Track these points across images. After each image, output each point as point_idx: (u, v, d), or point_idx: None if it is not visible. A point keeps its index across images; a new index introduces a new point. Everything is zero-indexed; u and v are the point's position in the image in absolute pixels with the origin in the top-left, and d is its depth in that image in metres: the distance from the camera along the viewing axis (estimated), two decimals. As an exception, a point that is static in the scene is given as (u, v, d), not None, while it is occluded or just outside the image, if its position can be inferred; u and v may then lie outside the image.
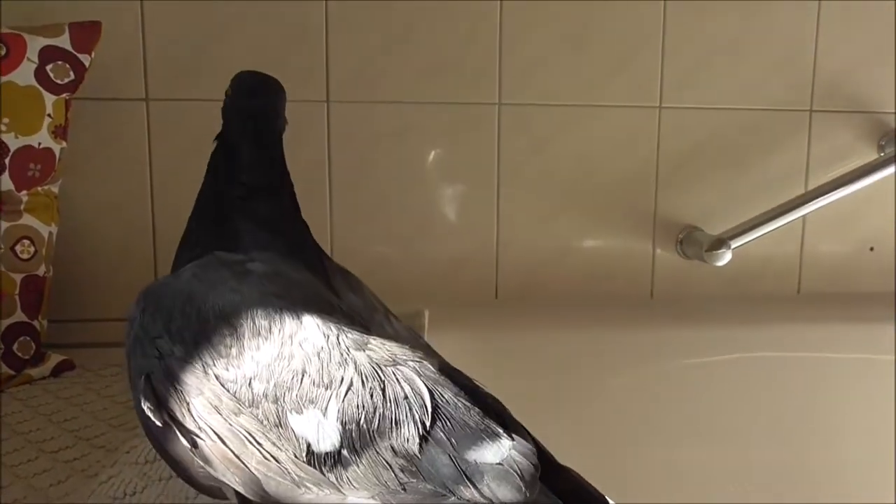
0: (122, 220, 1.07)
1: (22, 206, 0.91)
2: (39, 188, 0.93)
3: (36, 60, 0.91)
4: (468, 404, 0.41)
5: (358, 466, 0.39)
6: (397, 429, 0.39)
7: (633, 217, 1.17)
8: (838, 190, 1.09)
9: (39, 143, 0.92)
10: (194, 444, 0.41)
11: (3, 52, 0.89)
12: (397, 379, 0.41)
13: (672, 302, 1.18)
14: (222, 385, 0.40)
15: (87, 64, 0.96)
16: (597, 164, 1.14)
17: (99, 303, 1.07)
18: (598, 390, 1.06)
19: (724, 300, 1.19)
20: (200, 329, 0.42)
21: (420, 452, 0.39)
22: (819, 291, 1.21)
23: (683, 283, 1.19)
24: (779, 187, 1.16)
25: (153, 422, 0.42)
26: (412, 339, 0.51)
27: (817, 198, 1.10)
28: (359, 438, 0.39)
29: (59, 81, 0.93)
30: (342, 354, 0.41)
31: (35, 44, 0.92)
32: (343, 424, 0.39)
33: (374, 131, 1.10)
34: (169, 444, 0.42)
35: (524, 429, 0.45)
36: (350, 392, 0.40)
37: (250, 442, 0.40)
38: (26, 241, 0.91)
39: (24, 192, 0.91)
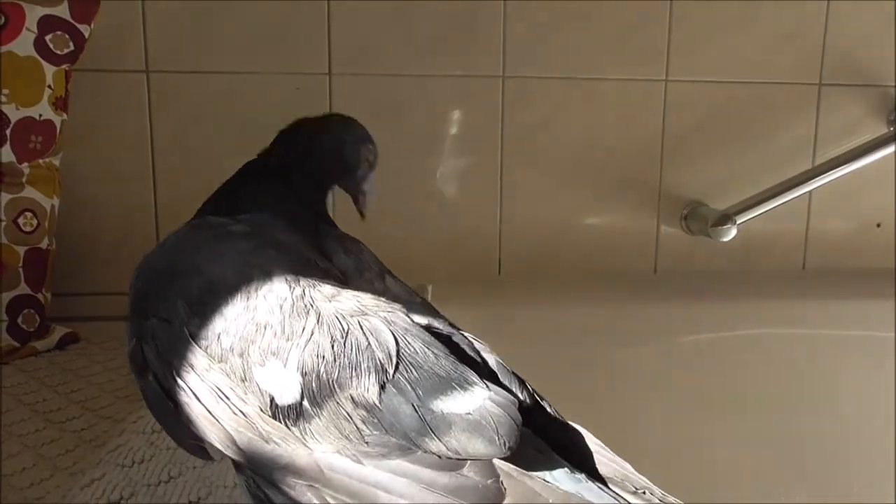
0: (124, 194, 1.06)
1: (24, 179, 0.91)
2: (41, 160, 0.92)
3: (35, 30, 0.90)
4: (441, 353, 0.39)
5: (319, 419, 0.37)
6: (357, 378, 0.37)
7: (638, 192, 1.16)
8: (846, 165, 1.08)
9: (40, 115, 0.91)
10: (176, 404, 0.41)
11: (2, 22, 0.88)
12: (361, 327, 0.39)
13: (676, 277, 1.18)
14: (196, 343, 0.40)
15: (86, 34, 0.95)
16: (601, 139, 1.13)
17: (102, 276, 1.07)
18: (601, 366, 1.06)
19: (728, 276, 1.19)
20: (178, 290, 0.42)
21: (380, 402, 0.37)
22: (824, 267, 1.21)
23: (687, 258, 1.19)
24: (786, 162, 1.15)
25: (146, 385, 0.42)
26: (405, 297, 0.49)
27: (824, 173, 1.09)
28: (319, 389, 0.37)
29: (58, 52, 0.92)
30: (306, 306, 0.40)
31: (34, 13, 0.90)
32: (303, 375, 0.38)
33: (377, 104, 1.09)
34: (156, 406, 0.42)
35: (521, 382, 0.42)
36: (310, 342, 0.38)
37: (221, 398, 0.39)
38: (29, 214, 0.91)
39: (26, 164, 0.91)
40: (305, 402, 0.37)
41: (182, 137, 1.06)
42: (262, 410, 0.38)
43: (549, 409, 0.43)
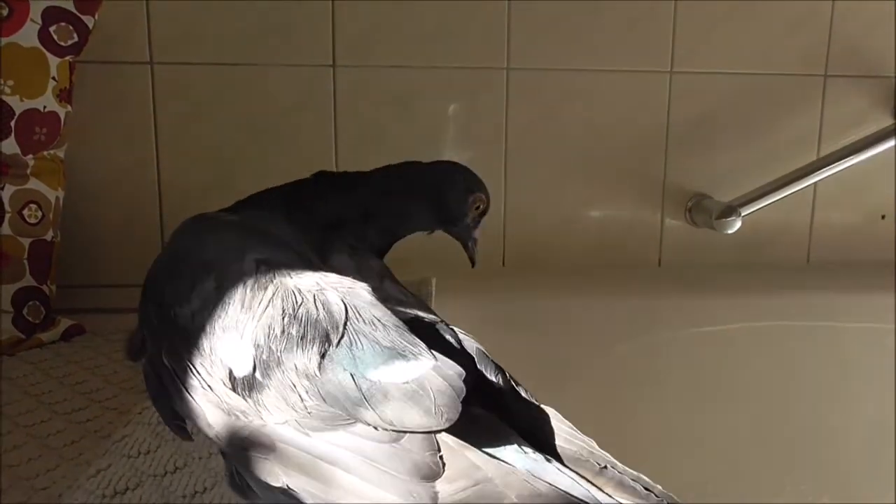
0: (128, 186, 1.06)
1: (28, 171, 0.91)
2: (46, 152, 0.92)
3: (39, 21, 0.90)
4: (392, 325, 0.38)
5: (269, 390, 0.37)
6: (302, 349, 0.37)
7: (642, 184, 1.16)
8: (851, 157, 1.08)
9: (45, 107, 0.91)
10: (161, 383, 0.42)
11: (6, 13, 0.88)
12: (315, 300, 0.38)
13: (680, 270, 1.18)
14: (176, 322, 0.41)
15: (90, 26, 0.95)
16: (606, 131, 1.13)
17: (106, 268, 1.07)
18: (605, 358, 1.06)
19: (732, 268, 1.19)
20: (167, 274, 0.44)
21: (320, 371, 0.36)
22: (829, 260, 1.21)
23: (692, 251, 1.18)
24: (790, 154, 1.15)
25: (146, 369, 0.43)
26: (399, 296, 0.49)
27: (829, 165, 1.08)
28: (268, 360, 0.37)
29: (62, 43, 0.92)
30: (268, 281, 0.40)
31: (38, 4, 0.90)
32: (256, 347, 0.38)
33: (381, 96, 1.08)
34: (150, 388, 0.44)
35: (498, 369, 0.42)
36: (265, 314, 0.38)
37: (193, 373, 0.40)
38: (33, 206, 0.91)
39: (31, 156, 0.91)
40: (258, 374, 0.37)
41: (186, 129, 1.06)
42: (224, 384, 0.38)
43: (523, 395, 0.42)
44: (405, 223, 0.61)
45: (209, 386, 0.39)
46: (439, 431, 0.35)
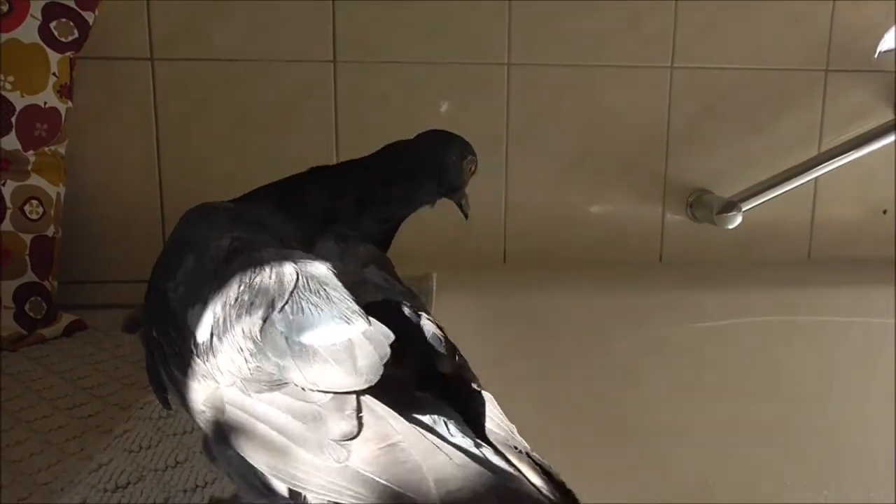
0: (129, 182, 1.06)
1: (29, 167, 0.91)
2: (46, 148, 0.93)
3: (39, 17, 0.90)
4: (338, 293, 0.39)
5: (223, 353, 0.38)
6: (249, 314, 0.38)
7: (643, 179, 1.16)
8: (852, 152, 1.08)
9: (45, 103, 0.91)
10: (152, 357, 0.44)
11: (6, 9, 0.88)
12: (271, 270, 0.40)
13: (681, 265, 1.18)
14: (166, 299, 0.43)
15: (90, 21, 0.95)
16: (607, 126, 1.13)
17: (108, 264, 1.07)
18: (606, 353, 1.06)
19: (733, 264, 1.19)
20: (163, 257, 0.46)
21: (261, 334, 0.38)
22: (830, 255, 1.21)
23: (693, 246, 1.18)
24: (792, 149, 1.15)
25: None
26: (380, 283, 0.50)
27: (831, 160, 1.08)
28: (223, 324, 0.39)
29: (63, 39, 0.92)
30: (236, 254, 0.42)
31: (39, 1, 0.90)
32: (213, 313, 0.39)
33: (381, 92, 1.08)
34: (147, 364, 0.45)
35: (453, 351, 0.43)
36: (226, 284, 0.40)
37: (172, 343, 0.41)
38: (34, 202, 0.91)
39: (31, 151, 0.91)
40: (214, 339, 0.39)
41: (187, 125, 1.06)
42: (192, 351, 0.40)
43: (472, 384, 0.43)
44: (407, 204, 0.63)
45: (181, 353, 0.41)
46: (360, 392, 0.36)
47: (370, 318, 0.38)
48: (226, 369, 0.38)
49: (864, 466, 1.06)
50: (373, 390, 0.36)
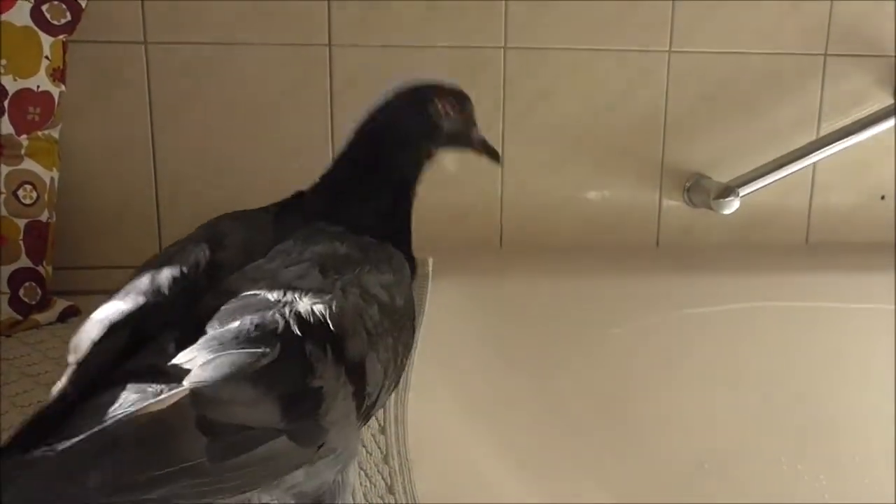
0: (123, 166, 1.06)
1: (22, 151, 0.90)
2: (40, 132, 0.92)
3: (31, 0, 0.89)
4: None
5: None
6: None
7: (640, 164, 1.15)
8: (851, 137, 1.07)
9: (38, 86, 0.90)
10: None
11: (-2, -9, 0.87)
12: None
13: (678, 250, 1.18)
14: None
15: (83, 4, 0.94)
16: (604, 110, 1.12)
17: (102, 250, 1.07)
18: (602, 338, 1.07)
19: (730, 249, 1.18)
20: None
21: None
22: (828, 241, 1.20)
23: (690, 231, 1.18)
24: (790, 134, 1.14)
25: None
26: (284, 279, 0.50)
27: (829, 145, 1.08)
28: None
29: (55, 22, 0.91)
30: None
31: (30, -17, 0.89)
32: None
33: (378, 76, 1.07)
34: None
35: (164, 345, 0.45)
36: None
37: None
38: (28, 186, 0.90)
39: (24, 136, 0.90)
40: None
41: (181, 109, 1.05)
42: None
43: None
44: (393, 178, 0.62)
45: None
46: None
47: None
48: None
49: (861, 451, 1.06)
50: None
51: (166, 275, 0.48)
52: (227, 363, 0.41)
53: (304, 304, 0.46)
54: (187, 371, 0.41)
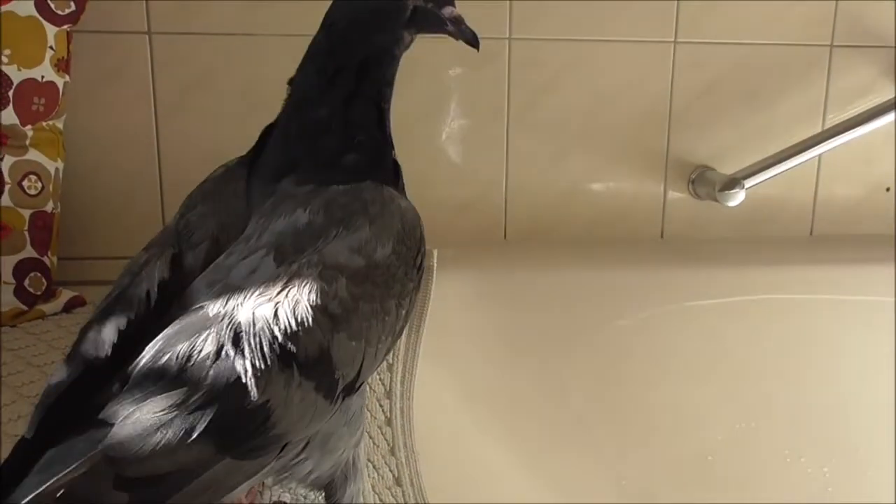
0: (127, 156, 1.06)
1: (27, 141, 0.90)
2: (44, 123, 0.92)
3: (35, -10, 0.89)
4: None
5: None
6: None
7: (645, 156, 1.15)
8: (856, 129, 1.07)
9: (42, 77, 0.90)
10: None
11: (2, -19, 0.87)
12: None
13: (683, 243, 1.17)
14: None
15: (87, -6, 0.94)
16: (609, 102, 1.12)
17: (107, 241, 1.07)
18: (606, 331, 1.07)
19: (735, 241, 1.18)
20: None
21: None
22: (832, 234, 1.20)
23: (695, 223, 1.18)
24: (795, 126, 1.14)
25: None
26: (238, 274, 0.48)
27: (834, 136, 1.07)
28: None
29: (59, 12, 0.91)
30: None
31: (34, -28, 0.89)
32: None
33: (383, 67, 1.07)
34: None
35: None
36: None
37: None
38: (33, 177, 0.90)
39: (29, 126, 0.90)
40: None
41: (185, 99, 1.05)
42: None
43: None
44: (363, 79, 0.57)
45: None
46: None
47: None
48: None
49: (864, 443, 1.06)
50: None
51: (108, 334, 0.45)
52: (146, 413, 0.39)
53: (246, 312, 0.43)
54: (110, 426, 0.39)
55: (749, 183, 1.06)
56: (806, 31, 1.12)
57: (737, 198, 1.06)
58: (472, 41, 0.58)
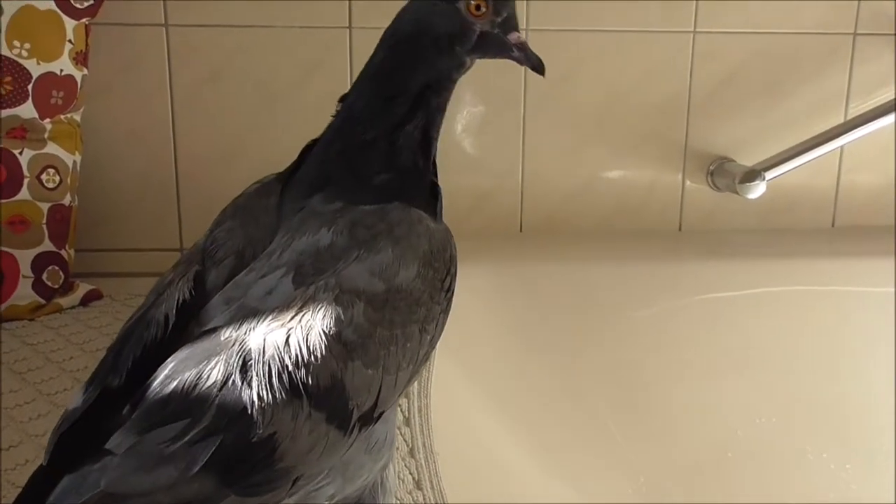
0: (144, 149, 1.06)
1: (46, 135, 0.91)
2: (63, 116, 0.92)
3: (54, -17, 0.89)
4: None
5: None
6: None
7: (663, 147, 1.14)
8: (879, 119, 1.05)
9: (61, 70, 0.90)
10: None
11: (20, -25, 0.87)
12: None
13: (701, 235, 1.16)
14: None
15: (104, -13, 0.94)
16: (627, 92, 1.11)
17: (123, 233, 1.07)
18: (623, 323, 1.06)
19: (754, 233, 1.17)
20: None
21: None
22: (855, 224, 1.18)
23: (713, 216, 1.17)
24: (817, 116, 1.12)
25: None
26: (247, 293, 0.47)
27: (857, 127, 1.05)
28: None
29: (78, 6, 0.91)
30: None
31: (52, -34, 0.89)
32: None
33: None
34: None
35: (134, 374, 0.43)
36: None
37: None
38: (51, 170, 0.91)
39: (48, 120, 0.90)
40: None
41: (202, 91, 1.05)
42: None
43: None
44: (419, 96, 0.54)
45: None
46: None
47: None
48: None
49: (889, 441, 1.05)
50: None
51: (124, 359, 0.44)
52: (147, 446, 0.38)
53: (257, 338, 0.42)
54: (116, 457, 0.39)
55: (770, 175, 1.05)
56: (828, 19, 1.11)
57: (757, 190, 1.05)
58: (538, 67, 0.57)
